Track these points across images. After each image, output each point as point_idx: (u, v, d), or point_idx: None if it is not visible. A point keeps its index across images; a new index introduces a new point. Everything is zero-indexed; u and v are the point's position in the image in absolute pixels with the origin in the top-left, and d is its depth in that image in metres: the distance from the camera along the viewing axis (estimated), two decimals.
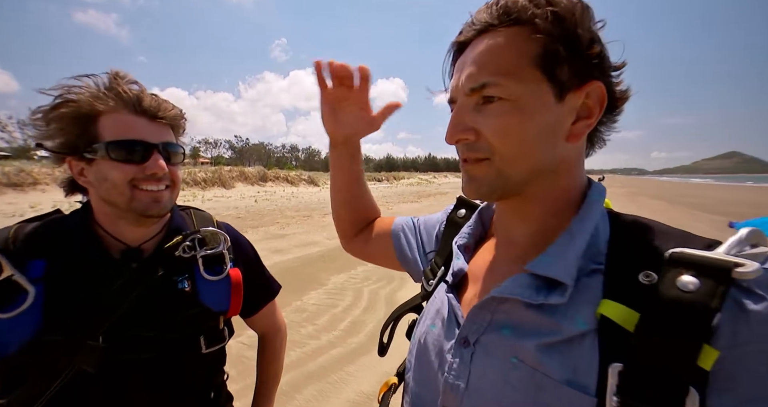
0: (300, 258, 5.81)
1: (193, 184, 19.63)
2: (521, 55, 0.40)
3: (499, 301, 0.44)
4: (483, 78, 0.41)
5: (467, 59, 0.44)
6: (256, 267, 0.93)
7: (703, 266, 0.33)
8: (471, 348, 0.45)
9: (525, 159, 0.42)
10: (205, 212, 0.91)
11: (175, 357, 0.72)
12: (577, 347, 0.37)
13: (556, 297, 0.39)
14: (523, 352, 0.40)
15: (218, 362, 0.84)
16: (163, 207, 0.71)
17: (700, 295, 0.32)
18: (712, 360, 0.31)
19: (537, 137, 0.41)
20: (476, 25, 0.43)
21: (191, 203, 12.31)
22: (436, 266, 0.61)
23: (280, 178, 27.20)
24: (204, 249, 0.77)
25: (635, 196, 21.42)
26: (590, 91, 0.41)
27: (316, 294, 4.22)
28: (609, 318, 0.36)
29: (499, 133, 0.41)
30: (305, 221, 9.96)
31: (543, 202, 0.46)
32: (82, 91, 0.65)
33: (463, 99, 0.44)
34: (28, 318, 0.62)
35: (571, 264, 0.40)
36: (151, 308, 0.70)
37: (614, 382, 0.34)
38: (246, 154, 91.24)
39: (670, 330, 0.32)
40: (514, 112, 0.40)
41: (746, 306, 0.31)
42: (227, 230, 0.88)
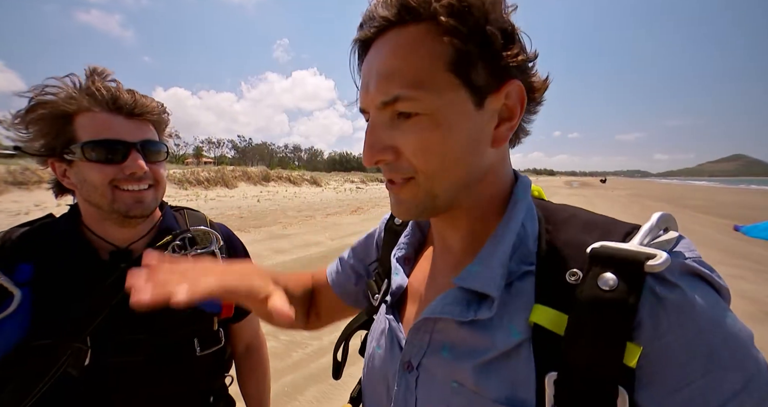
0: (302, 259, 5.80)
1: (196, 184, 19.69)
2: (433, 58, 0.36)
3: (435, 321, 0.42)
4: (394, 90, 0.36)
5: (372, 65, 0.39)
6: None
7: (619, 261, 0.32)
8: (415, 373, 0.43)
9: (451, 175, 0.39)
10: (199, 212, 0.89)
11: (168, 360, 0.71)
12: (514, 360, 0.36)
13: (485, 311, 0.38)
14: (462, 375, 0.38)
15: (217, 366, 0.82)
16: (146, 208, 0.69)
17: (618, 293, 0.31)
18: (635, 357, 0.30)
19: (461, 151, 0.38)
20: (375, 22, 0.38)
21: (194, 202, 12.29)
22: (379, 279, 0.57)
23: (283, 178, 27.25)
24: (195, 249, 0.76)
25: (638, 199, 21.29)
26: (509, 92, 0.38)
27: None
28: (540, 325, 0.35)
29: (419, 151, 0.38)
30: (307, 221, 9.95)
31: (472, 209, 0.44)
32: (57, 91, 0.64)
33: (376, 113, 0.39)
34: (15, 322, 0.61)
35: (496, 273, 0.38)
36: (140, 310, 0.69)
37: (551, 392, 0.33)
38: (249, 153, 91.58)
39: (594, 332, 0.32)
40: (433, 127, 0.37)
41: (661, 296, 0.31)
42: (221, 230, 0.86)
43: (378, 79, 0.38)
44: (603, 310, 0.32)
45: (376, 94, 0.38)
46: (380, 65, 0.38)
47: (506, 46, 0.37)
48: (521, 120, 0.42)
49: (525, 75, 0.40)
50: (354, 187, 30.16)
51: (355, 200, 17.83)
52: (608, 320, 0.31)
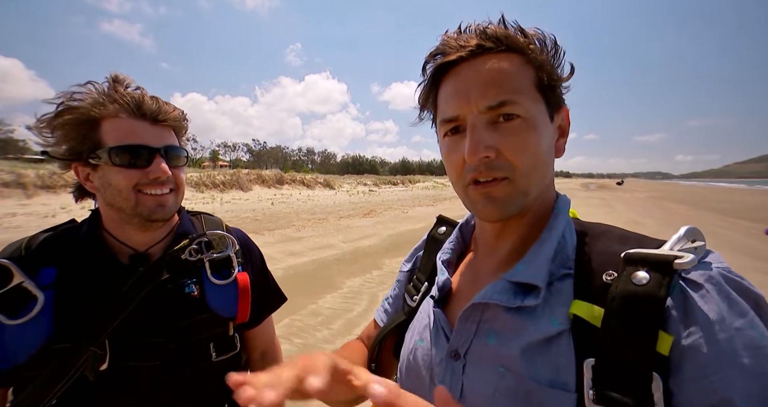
0: (315, 261, 5.83)
1: (212, 187, 20.14)
2: (526, 78, 0.45)
3: (483, 309, 0.46)
4: (502, 96, 0.43)
5: (473, 78, 0.45)
6: (263, 275, 0.90)
7: (651, 261, 0.37)
8: (462, 360, 0.46)
9: (539, 174, 0.46)
10: (215, 217, 0.89)
11: (184, 365, 0.71)
12: (556, 346, 0.40)
13: (532, 299, 0.43)
14: (509, 360, 0.42)
15: (233, 371, 0.81)
16: (167, 211, 0.70)
17: (650, 287, 0.36)
18: (668, 345, 0.34)
19: (545, 154, 0.46)
20: (469, 47, 0.45)
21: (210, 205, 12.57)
22: (419, 282, 0.62)
23: (297, 181, 27.59)
24: (211, 253, 0.76)
25: (659, 201, 20.59)
26: (564, 113, 0.50)
27: (331, 297, 4.21)
28: (580, 317, 0.39)
29: (518, 150, 0.44)
30: (320, 224, 10.02)
31: (532, 215, 0.49)
32: (84, 97, 0.65)
33: (477, 117, 0.44)
34: (39, 325, 0.62)
35: (541, 268, 0.44)
36: (158, 314, 0.69)
37: (589, 376, 0.36)
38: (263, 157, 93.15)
39: (629, 321, 0.35)
40: (530, 129, 0.44)
41: (688, 293, 0.35)
42: (238, 235, 0.86)
43: (484, 87, 0.44)
44: (636, 302, 0.36)
45: (480, 100, 0.44)
46: (484, 77, 0.45)
47: (565, 79, 0.49)
48: None
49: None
50: (367, 190, 30.27)
51: (368, 203, 17.86)
52: (641, 310, 0.35)
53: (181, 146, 0.75)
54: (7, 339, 0.61)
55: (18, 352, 0.61)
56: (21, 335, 0.61)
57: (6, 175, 13.14)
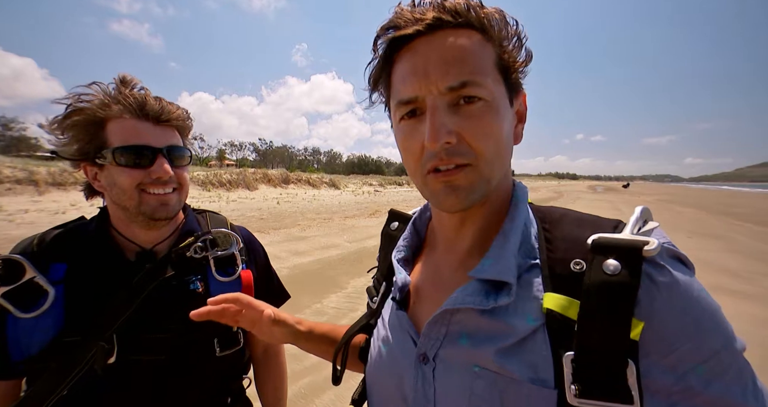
0: (320, 261, 5.85)
1: (218, 186, 20.31)
2: (487, 57, 0.42)
3: (453, 312, 0.44)
4: (464, 76, 0.40)
5: (431, 55, 0.41)
6: (267, 272, 0.91)
7: (620, 249, 0.37)
8: (431, 364, 0.45)
9: (501, 161, 0.44)
10: (220, 215, 0.91)
11: (188, 359, 0.72)
12: (531, 344, 0.39)
13: (504, 297, 0.41)
14: (484, 359, 0.41)
15: (236, 367, 0.83)
16: (170, 210, 0.72)
17: (622, 276, 0.36)
18: (639, 330, 0.35)
19: (507, 139, 0.44)
20: (426, 20, 0.41)
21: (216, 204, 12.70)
22: (377, 283, 0.61)
23: (302, 181, 27.71)
24: (215, 251, 0.77)
25: (668, 205, 20.30)
26: (522, 98, 0.48)
27: (336, 297, 4.22)
28: (553, 311, 0.38)
29: (482, 135, 0.41)
30: (326, 224, 10.05)
31: (490, 204, 0.47)
32: (90, 98, 0.67)
33: (437, 98, 0.40)
34: (50, 319, 0.63)
35: (510, 262, 0.42)
36: (164, 309, 0.70)
37: (569, 371, 0.36)
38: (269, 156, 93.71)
39: (606, 311, 0.35)
40: (493, 113, 0.41)
41: (655, 277, 0.36)
42: (242, 233, 0.87)
43: (444, 66, 0.40)
44: (611, 292, 0.36)
45: (441, 80, 0.40)
46: (444, 54, 0.40)
47: (524, 61, 0.45)
48: None
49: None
50: (372, 190, 30.29)
51: (373, 203, 17.88)
52: (616, 300, 0.35)
53: (185, 146, 0.76)
54: (20, 332, 0.62)
55: (30, 345, 0.62)
56: (33, 328, 0.63)
57: (19, 172, 13.40)
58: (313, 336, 0.65)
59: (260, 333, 0.61)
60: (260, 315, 0.59)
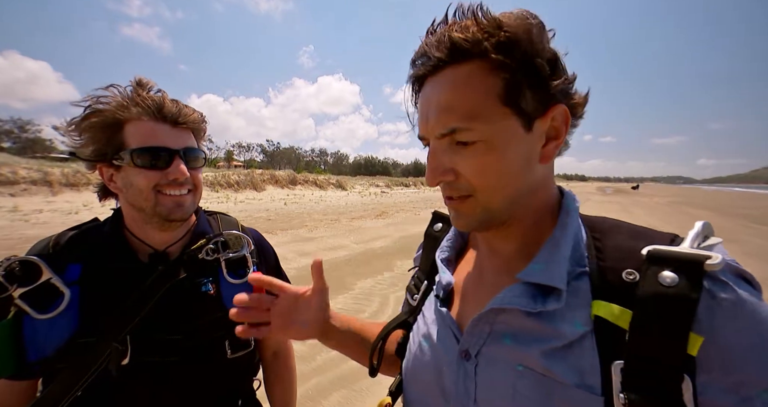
0: (327, 262, 5.86)
1: (227, 186, 20.53)
2: (486, 93, 0.40)
3: (497, 312, 0.45)
4: (451, 123, 0.41)
5: (431, 100, 0.44)
6: (277, 274, 0.91)
7: (679, 261, 0.36)
8: (474, 361, 0.45)
9: (505, 191, 0.44)
10: (231, 217, 0.91)
11: (199, 361, 0.72)
12: (578, 349, 0.39)
13: (553, 303, 0.41)
14: (528, 359, 0.41)
15: (247, 369, 0.83)
16: (185, 211, 0.72)
17: (680, 288, 0.35)
18: (697, 346, 0.34)
19: (514, 169, 0.43)
20: (431, 62, 0.43)
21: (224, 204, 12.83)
22: (418, 281, 0.62)
23: (309, 182, 27.86)
24: (227, 252, 0.78)
25: (680, 207, 19.92)
26: (555, 115, 0.43)
27: (342, 298, 4.22)
28: (603, 318, 0.38)
29: (477, 173, 0.43)
30: (333, 225, 10.08)
31: (525, 219, 0.48)
32: (108, 100, 0.68)
33: (435, 141, 0.44)
34: (65, 320, 0.64)
35: (562, 269, 0.42)
36: (176, 311, 0.71)
37: (618, 379, 0.36)
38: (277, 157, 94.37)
39: (660, 323, 0.35)
40: (489, 151, 0.42)
41: (716, 293, 0.35)
42: (253, 235, 0.88)
43: (437, 112, 0.43)
44: (667, 304, 0.35)
45: (435, 126, 0.43)
46: (438, 100, 0.43)
47: (551, 75, 0.41)
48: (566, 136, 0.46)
49: (567, 97, 0.44)
50: (379, 192, 30.32)
51: (380, 204, 17.88)
52: (672, 312, 0.35)
53: (200, 148, 0.77)
54: (36, 333, 0.63)
55: (46, 345, 0.63)
56: (49, 329, 0.63)
57: (34, 173, 13.72)
58: (343, 332, 0.63)
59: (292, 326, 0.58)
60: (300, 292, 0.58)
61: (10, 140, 49.38)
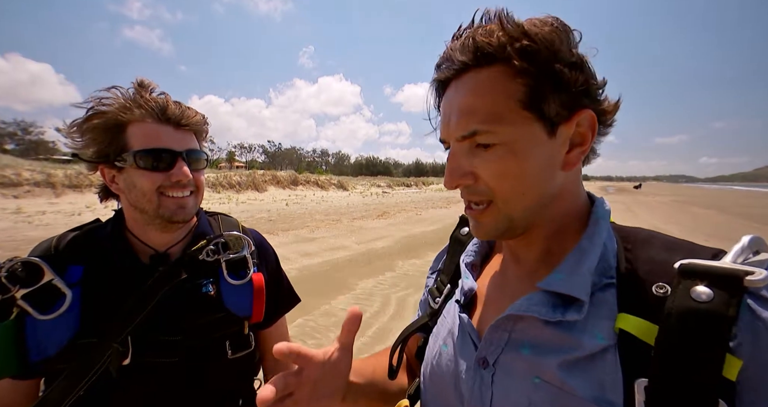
0: (329, 262, 5.86)
1: (228, 187, 20.59)
2: (508, 97, 0.40)
3: (516, 320, 0.44)
4: (472, 126, 0.41)
5: (453, 103, 0.44)
6: (278, 276, 0.91)
7: (715, 276, 0.34)
8: (491, 369, 0.44)
9: (525, 198, 0.43)
10: (232, 218, 0.91)
11: (200, 362, 0.72)
12: (600, 363, 0.37)
13: (573, 313, 0.40)
14: (545, 371, 0.39)
15: (247, 369, 0.82)
16: (188, 213, 0.72)
17: (715, 305, 0.32)
18: (736, 370, 0.31)
19: (534, 175, 0.42)
20: (455, 65, 0.43)
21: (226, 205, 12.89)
22: (441, 284, 0.61)
23: (311, 182, 27.92)
24: (227, 254, 0.77)
25: (684, 206, 19.84)
26: (581, 120, 0.42)
27: (344, 298, 4.22)
28: (628, 332, 0.36)
29: (496, 177, 0.42)
30: (334, 225, 10.09)
31: (546, 228, 0.47)
32: (111, 102, 0.67)
33: (456, 144, 0.44)
34: (67, 321, 0.64)
35: (585, 280, 0.40)
36: (177, 312, 0.71)
37: (641, 399, 0.34)
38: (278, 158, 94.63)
39: (691, 342, 0.32)
40: (509, 155, 0.41)
41: (759, 312, 0.32)
42: (254, 236, 0.87)
43: (459, 115, 0.43)
44: (699, 321, 0.32)
45: (456, 128, 0.43)
46: (460, 103, 0.43)
47: (575, 79, 0.40)
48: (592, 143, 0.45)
49: (595, 102, 0.43)
50: (380, 192, 30.35)
51: (381, 205, 17.89)
52: (705, 331, 0.32)
53: (202, 149, 0.77)
54: (38, 333, 0.63)
55: (48, 346, 0.63)
56: (51, 330, 0.63)
57: (37, 175, 13.81)
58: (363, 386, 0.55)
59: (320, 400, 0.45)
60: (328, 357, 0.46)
61: (14, 142, 49.72)
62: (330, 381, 0.46)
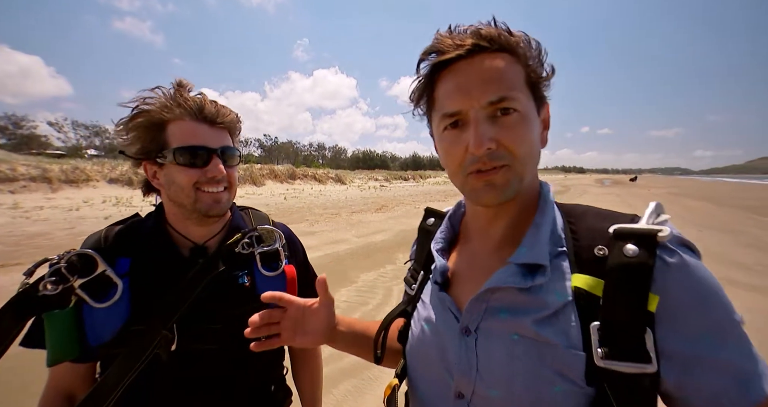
0: (330, 255, 5.92)
1: None
2: (517, 75, 0.49)
3: (493, 290, 0.51)
4: (502, 92, 0.48)
5: (471, 76, 0.49)
6: (305, 267, 0.96)
7: (639, 235, 0.44)
8: (474, 335, 0.51)
9: (533, 161, 0.51)
10: (262, 212, 0.95)
11: (237, 349, 0.76)
12: (563, 316, 0.46)
13: (540, 278, 0.48)
14: (522, 328, 0.47)
15: (277, 357, 0.88)
16: (222, 207, 0.76)
17: (640, 258, 0.43)
18: (655, 304, 0.42)
19: (537, 143, 0.51)
20: (466, 47, 0.48)
21: None
22: (415, 272, 0.67)
23: (308, 176, 27.79)
24: (261, 246, 0.82)
25: (677, 198, 20.03)
26: (546, 108, 0.55)
27: (346, 291, 4.29)
28: (581, 288, 0.46)
29: (517, 141, 0.48)
30: (333, 219, 10.12)
31: (520, 200, 0.54)
32: (153, 101, 0.72)
33: (479, 112, 0.49)
34: (119, 309, 0.69)
35: (543, 249, 0.49)
36: (215, 302, 0.75)
37: (596, 338, 0.43)
38: (275, 152, 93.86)
39: (626, 287, 0.42)
40: (525, 122, 0.49)
41: (667, 259, 0.43)
42: (282, 229, 0.91)
43: (484, 84, 0.48)
44: (631, 271, 0.43)
45: (482, 96, 0.48)
46: (482, 75, 0.49)
47: (547, 76, 0.53)
48: None
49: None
50: (378, 185, 30.30)
51: (380, 198, 17.91)
52: (636, 278, 0.42)
53: (235, 146, 0.81)
54: (95, 321, 0.68)
55: (103, 332, 0.68)
56: (105, 317, 0.68)
57: (33, 170, 13.66)
58: (349, 335, 0.70)
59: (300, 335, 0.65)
60: (308, 304, 0.65)
61: (5, 136, 48.85)
62: (311, 322, 0.65)
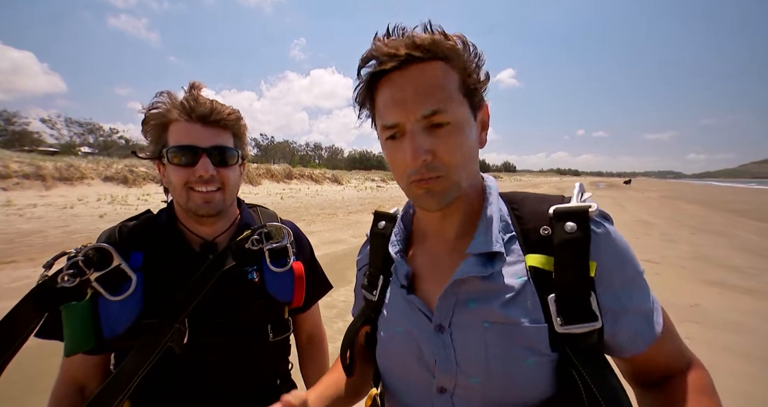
0: (327, 255, 5.93)
1: None
2: (451, 84, 0.50)
3: (459, 284, 0.53)
4: (434, 106, 0.49)
5: (407, 88, 0.49)
6: (313, 264, 0.98)
7: (574, 213, 0.51)
8: (448, 331, 0.53)
9: (467, 168, 0.53)
10: (270, 210, 0.97)
11: (246, 343, 0.79)
12: (523, 295, 0.50)
13: (498, 263, 0.52)
14: (491, 315, 0.51)
15: (284, 351, 0.90)
16: (213, 208, 0.76)
17: (578, 232, 0.49)
18: (594, 269, 0.48)
19: (471, 149, 0.53)
20: (399, 58, 0.49)
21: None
22: (372, 277, 0.66)
23: (305, 176, 27.74)
24: (270, 243, 0.83)
25: (671, 201, 20.26)
26: (485, 109, 0.56)
27: (344, 291, 4.30)
28: (535, 267, 0.51)
29: (450, 151, 0.50)
30: (330, 219, 10.13)
31: (466, 198, 0.57)
32: (161, 105, 0.75)
33: (414, 125, 0.50)
34: (132, 302, 0.71)
35: (496, 237, 0.53)
36: (226, 297, 0.77)
37: (554, 308, 0.48)
38: (271, 151, 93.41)
39: (572, 259, 0.48)
40: (458, 133, 0.50)
41: (596, 230, 0.50)
42: (290, 227, 0.93)
43: (418, 98, 0.49)
44: (573, 245, 0.49)
45: (417, 110, 0.49)
46: (416, 87, 0.49)
47: (485, 78, 0.55)
48: None
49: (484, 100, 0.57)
50: (374, 186, 30.32)
51: (376, 198, 17.92)
52: (578, 250, 0.49)
53: (236, 146, 0.80)
54: (110, 313, 0.70)
55: (118, 325, 0.70)
56: (120, 310, 0.70)
57: (26, 167, 13.49)
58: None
59: None
60: None
61: None
62: None
